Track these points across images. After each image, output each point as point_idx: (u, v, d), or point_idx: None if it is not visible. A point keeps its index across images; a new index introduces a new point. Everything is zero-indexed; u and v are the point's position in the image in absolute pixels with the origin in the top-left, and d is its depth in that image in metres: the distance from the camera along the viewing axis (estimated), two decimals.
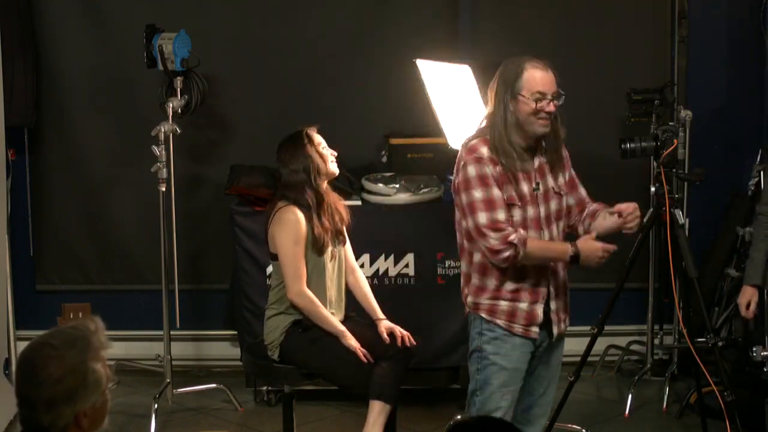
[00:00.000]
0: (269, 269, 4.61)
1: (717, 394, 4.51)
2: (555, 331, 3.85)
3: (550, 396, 4.02)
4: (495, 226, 3.59)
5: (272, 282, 4.57)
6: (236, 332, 5.77)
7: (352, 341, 4.36)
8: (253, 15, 5.98)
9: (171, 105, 5.34)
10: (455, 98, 4.55)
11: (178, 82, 5.39)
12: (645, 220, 4.71)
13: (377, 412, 4.30)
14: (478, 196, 3.60)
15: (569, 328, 5.92)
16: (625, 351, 6.05)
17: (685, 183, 5.34)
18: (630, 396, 5.42)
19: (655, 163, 4.91)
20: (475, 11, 5.93)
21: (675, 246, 4.50)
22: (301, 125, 4.53)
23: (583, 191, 3.93)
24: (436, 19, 5.96)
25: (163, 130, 5.27)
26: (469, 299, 3.79)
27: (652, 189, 5.19)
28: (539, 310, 3.77)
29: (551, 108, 3.68)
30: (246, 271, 5.46)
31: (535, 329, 3.78)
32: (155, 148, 5.26)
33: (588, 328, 4.80)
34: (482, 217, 3.60)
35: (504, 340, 3.75)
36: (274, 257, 4.46)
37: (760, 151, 5.73)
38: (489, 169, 3.61)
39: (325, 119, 4.87)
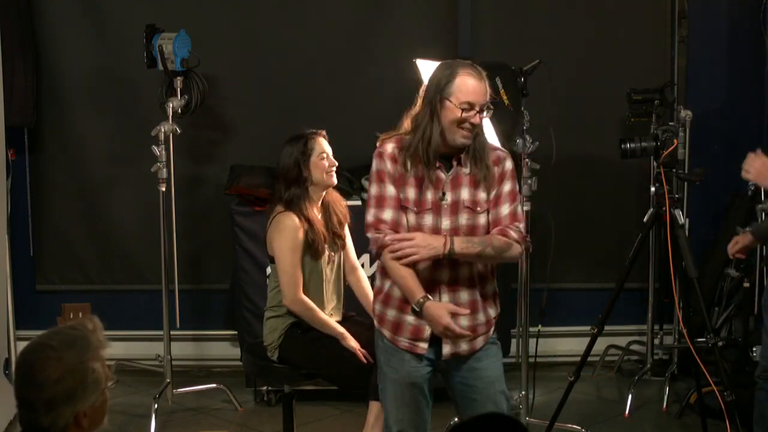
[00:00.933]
0: (269, 270, 4.61)
1: (717, 394, 4.51)
2: (445, 350, 3.53)
3: None
4: (377, 225, 3.48)
5: (270, 284, 4.57)
6: (236, 332, 5.77)
7: (351, 342, 4.36)
8: (253, 15, 5.98)
9: (171, 105, 5.34)
10: None
11: (178, 82, 5.39)
12: (645, 220, 4.73)
13: (377, 412, 4.29)
14: (373, 192, 3.50)
15: (568, 329, 6.03)
16: (625, 351, 6.05)
17: (685, 183, 5.35)
18: (630, 396, 5.42)
19: (655, 163, 4.92)
20: (475, 11, 5.93)
21: (675, 246, 4.51)
22: (308, 129, 4.50)
23: (503, 211, 3.53)
24: (436, 19, 5.96)
25: (163, 130, 5.27)
26: (374, 304, 3.66)
27: (652, 189, 5.18)
28: (427, 325, 3.50)
29: (477, 120, 3.45)
30: (246, 271, 5.46)
31: (423, 345, 3.53)
32: (155, 148, 5.26)
33: (588, 328, 4.80)
34: (370, 214, 3.49)
35: (391, 353, 3.58)
36: (273, 259, 4.46)
37: (759, 151, 5.72)
38: (388, 166, 3.48)
39: (325, 119, 4.88)
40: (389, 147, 3.53)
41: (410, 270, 3.45)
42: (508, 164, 3.58)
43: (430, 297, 3.44)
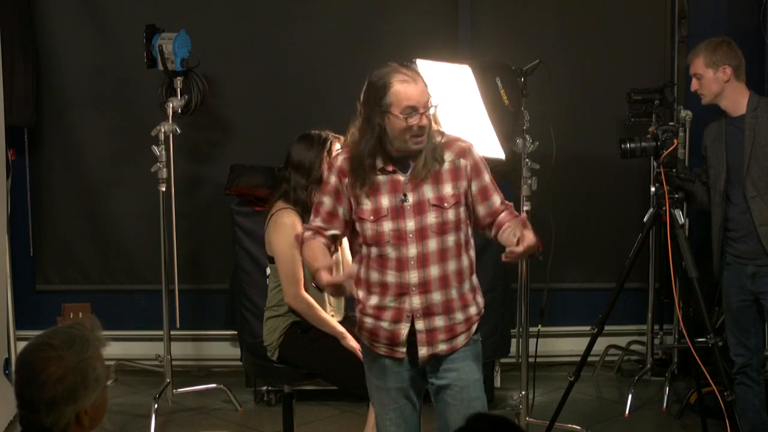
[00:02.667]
0: (269, 270, 4.61)
1: (717, 394, 4.51)
2: (422, 352, 3.48)
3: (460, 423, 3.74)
4: (306, 226, 3.61)
5: (270, 284, 4.57)
6: (236, 332, 5.77)
7: (351, 342, 4.36)
8: (253, 15, 5.98)
9: (171, 105, 5.34)
10: (455, 98, 4.54)
11: (178, 82, 5.39)
12: (645, 220, 4.73)
13: None
14: (317, 200, 3.61)
15: (568, 329, 6.03)
16: (625, 351, 6.05)
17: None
18: (630, 396, 5.42)
19: (655, 163, 4.92)
20: (475, 11, 5.93)
21: (675, 246, 4.51)
22: (330, 132, 4.50)
23: (496, 200, 3.53)
24: (436, 19, 5.96)
25: (163, 130, 5.27)
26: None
27: (652, 189, 5.19)
28: (403, 330, 3.47)
29: (424, 122, 3.40)
30: (246, 271, 5.46)
31: (401, 349, 3.50)
32: (155, 148, 5.26)
33: (588, 328, 4.81)
34: (309, 220, 3.60)
35: (372, 359, 3.58)
36: (272, 260, 4.47)
37: None
38: (333, 179, 3.51)
39: (325, 119, 4.87)
40: (340, 159, 3.55)
41: (316, 251, 3.47)
42: (476, 154, 3.54)
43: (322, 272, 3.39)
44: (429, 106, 3.43)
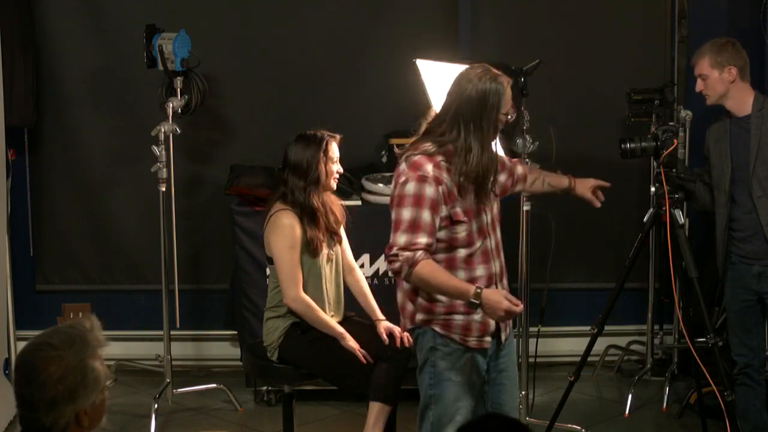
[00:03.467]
0: (269, 270, 4.61)
1: (717, 394, 4.51)
2: (503, 337, 3.72)
3: (515, 402, 3.94)
4: (410, 247, 3.44)
5: (270, 284, 4.57)
6: (236, 332, 5.77)
7: (351, 342, 4.36)
8: (253, 15, 5.98)
9: (171, 105, 5.34)
10: None
11: (178, 82, 5.39)
12: (645, 220, 4.73)
13: (377, 413, 4.30)
14: (406, 216, 3.46)
15: (568, 329, 6.03)
16: (625, 351, 6.05)
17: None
18: (630, 396, 5.42)
19: (655, 163, 4.92)
20: (475, 11, 5.93)
21: (675, 246, 4.51)
22: (325, 131, 4.50)
23: (519, 167, 4.02)
24: (436, 19, 5.96)
25: (163, 130, 5.27)
26: (419, 316, 3.63)
27: (652, 189, 5.19)
28: (490, 320, 3.62)
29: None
30: (246, 271, 5.46)
31: (488, 339, 3.66)
32: (155, 148, 5.26)
33: (588, 328, 4.80)
34: (401, 238, 3.45)
35: (458, 355, 3.63)
36: (271, 260, 4.47)
37: None
38: (430, 190, 3.45)
39: (325, 119, 4.88)
40: (429, 168, 3.48)
41: (447, 272, 3.49)
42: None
43: (481, 287, 3.44)
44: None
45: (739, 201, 4.47)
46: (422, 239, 3.44)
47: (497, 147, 3.71)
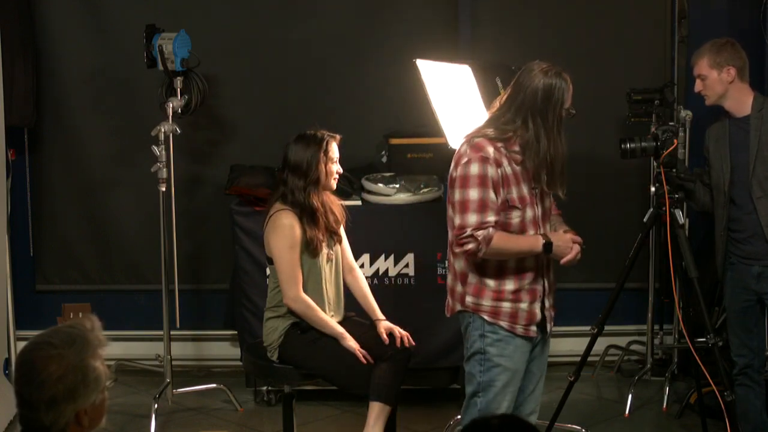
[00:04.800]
0: (269, 270, 4.61)
1: (717, 394, 4.51)
2: (549, 327, 3.89)
3: (539, 392, 4.02)
4: (482, 227, 3.62)
5: (270, 284, 4.57)
6: (236, 332, 5.77)
7: (351, 342, 4.36)
8: (253, 15, 5.98)
9: (171, 105, 5.34)
10: (455, 98, 4.55)
11: (178, 82, 5.39)
12: (645, 220, 4.73)
13: (377, 413, 4.30)
14: (474, 196, 3.62)
15: (568, 329, 6.03)
16: (625, 351, 6.05)
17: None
18: (630, 396, 5.42)
19: (655, 163, 4.92)
20: (475, 11, 5.93)
21: (675, 246, 4.51)
22: (325, 131, 4.50)
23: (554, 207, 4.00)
24: (436, 19, 5.96)
25: (163, 130, 5.27)
26: (469, 299, 3.78)
27: (652, 189, 5.19)
28: (537, 308, 3.80)
29: None
30: (246, 271, 5.46)
31: (534, 328, 3.81)
32: (155, 148, 5.26)
33: (588, 328, 4.80)
34: (472, 218, 3.62)
35: (507, 342, 3.77)
36: (271, 260, 4.47)
37: None
38: (491, 171, 3.62)
39: (325, 119, 4.87)
40: (490, 150, 3.64)
41: (512, 235, 3.69)
42: None
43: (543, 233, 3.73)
44: None
45: (739, 202, 4.47)
46: (491, 217, 3.64)
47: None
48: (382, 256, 5.37)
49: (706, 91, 4.49)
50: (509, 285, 3.75)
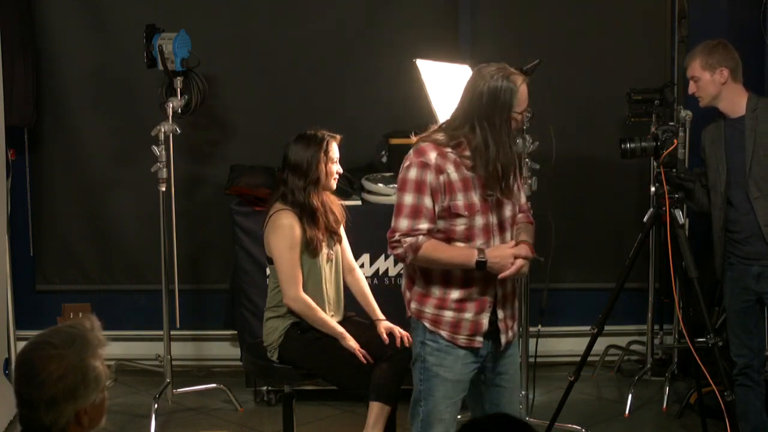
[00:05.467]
0: (268, 270, 4.61)
1: (717, 394, 4.51)
2: (503, 340, 3.69)
3: (516, 405, 3.94)
4: (411, 233, 3.51)
5: (270, 284, 4.57)
6: (236, 332, 5.77)
7: (351, 342, 4.36)
8: (253, 15, 5.98)
9: (171, 105, 5.34)
10: (455, 98, 4.54)
11: (178, 82, 5.39)
12: (645, 220, 4.73)
13: (377, 413, 4.30)
14: (408, 201, 3.52)
15: (568, 329, 6.03)
16: (625, 351, 6.05)
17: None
18: (630, 396, 5.42)
19: (655, 163, 4.92)
20: (475, 11, 5.93)
21: (675, 246, 4.51)
22: (325, 131, 4.49)
23: (523, 198, 3.80)
24: (436, 19, 5.96)
25: (163, 130, 5.27)
26: (413, 305, 3.67)
27: (652, 189, 5.19)
28: (485, 319, 3.63)
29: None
30: (246, 271, 5.46)
31: (480, 339, 3.64)
32: (155, 148, 5.26)
33: (588, 328, 4.80)
34: (403, 223, 3.53)
35: (447, 352, 3.63)
36: (271, 260, 4.47)
37: None
38: (430, 177, 3.50)
39: (325, 119, 4.88)
40: (432, 156, 3.52)
41: (448, 245, 3.55)
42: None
43: (482, 248, 3.54)
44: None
45: (736, 203, 4.46)
46: (423, 225, 3.52)
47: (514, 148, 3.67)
48: (382, 256, 5.37)
49: (700, 93, 4.49)
50: (454, 294, 3.60)
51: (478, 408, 3.81)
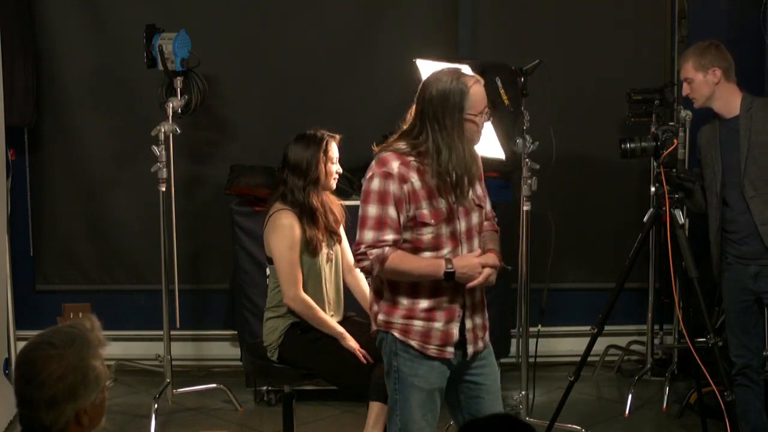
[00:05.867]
0: (268, 270, 4.61)
1: (717, 394, 4.51)
2: (470, 350, 3.61)
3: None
4: (377, 245, 3.45)
5: (270, 284, 4.57)
6: (236, 332, 5.77)
7: (351, 342, 4.36)
8: (253, 15, 5.98)
9: (171, 105, 5.34)
10: None
11: (178, 82, 5.39)
12: (645, 220, 4.73)
13: (377, 413, 4.29)
14: (372, 213, 3.46)
15: (568, 329, 6.03)
16: (625, 351, 6.05)
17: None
18: (630, 396, 5.42)
19: (655, 163, 4.92)
20: (475, 11, 5.94)
21: (675, 246, 4.51)
22: (324, 131, 4.49)
23: (488, 206, 3.70)
24: (436, 19, 5.96)
25: (163, 130, 5.27)
26: (380, 317, 3.60)
27: (652, 189, 5.19)
28: (455, 329, 3.56)
29: (485, 121, 3.55)
30: (246, 271, 5.46)
31: (450, 349, 3.57)
32: (155, 148, 5.26)
33: (588, 328, 4.80)
34: (368, 235, 3.46)
35: (420, 362, 3.58)
36: (271, 260, 4.47)
37: None
38: (394, 187, 3.44)
39: (325, 119, 4.87)
40: (395, 165, 3.46)
41: (415, 256, 3.49)
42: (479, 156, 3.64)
43: (449, 257, 3.49)
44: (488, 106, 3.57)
45: (732, 203, 4.47)
46: (389, 236, 3.46)
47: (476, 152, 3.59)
48: None
49: (694, 94, 4.50)
50: (423, 303, 3.53)
51: (460, 417, 3.76)
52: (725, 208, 4.48)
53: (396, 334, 3.58)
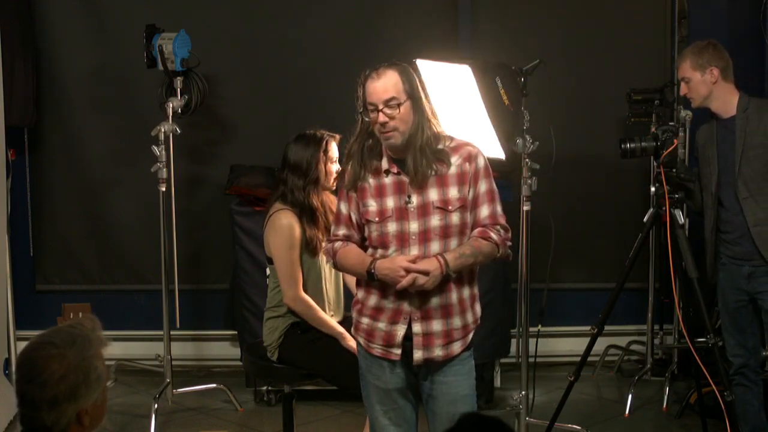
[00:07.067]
0: (268, 270, 4.62)
1: (717, 394, 4.51)
2: (417, 356, 3.48)
3: None
4: (331, 239, 3.62)
5: (270, 284, 4.57)
6: (236, 332, 5.77)
7: (351, 342, 4.36)
8: (254, 15, 5.98)
9: (171, 105, 5.35)
10: (455, 98, 4.55)
11: (178, 82, 5.39)
12: (645, 220, 4.73)
13: None
14: (337, 209, 3.65)
15: (568, 329, 6.03)
16: (625, 351, 6.05)
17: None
18: (630, 396, 5.42)
19: (655, 163, 4.92)
20: (475, 11, 5.94)
21: (675, 246, 4.51)
22: (324, 131, 4.49)
23: (483, 212, 3.50)
24: (436, 19, 5.96)
25: (163, 130, 5.27)
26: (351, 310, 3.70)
27: (652, 189, 5.19)
28: (400, 332, 3.48)
29: (383, 119, 3.43)
30: (246, 271, 5.46)
31: (396, 351, 3.49)
32: (155, 148, 5.26)
33: (588, 328, 4.80)
34: (333, 229, 3.65)
35: (371, 360, 3.56)
36: (271, 260, 4.47)
37: None
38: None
39: (325, 119, 4.87)
40: (349, 165, 3.59)
41: (358, 251, 3.55)
42: (481, 161, 3.51)
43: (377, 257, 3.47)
44: (392, 103, 3.46)
45: (726, 203, 4.47)
46: (340, 230, 3.60)
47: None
48: None
49: (691, 94, 4.50)
50: (371, 300, 3.52)
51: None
52: (720, 209, 4.49)
53: (352, 329, 3.67)
